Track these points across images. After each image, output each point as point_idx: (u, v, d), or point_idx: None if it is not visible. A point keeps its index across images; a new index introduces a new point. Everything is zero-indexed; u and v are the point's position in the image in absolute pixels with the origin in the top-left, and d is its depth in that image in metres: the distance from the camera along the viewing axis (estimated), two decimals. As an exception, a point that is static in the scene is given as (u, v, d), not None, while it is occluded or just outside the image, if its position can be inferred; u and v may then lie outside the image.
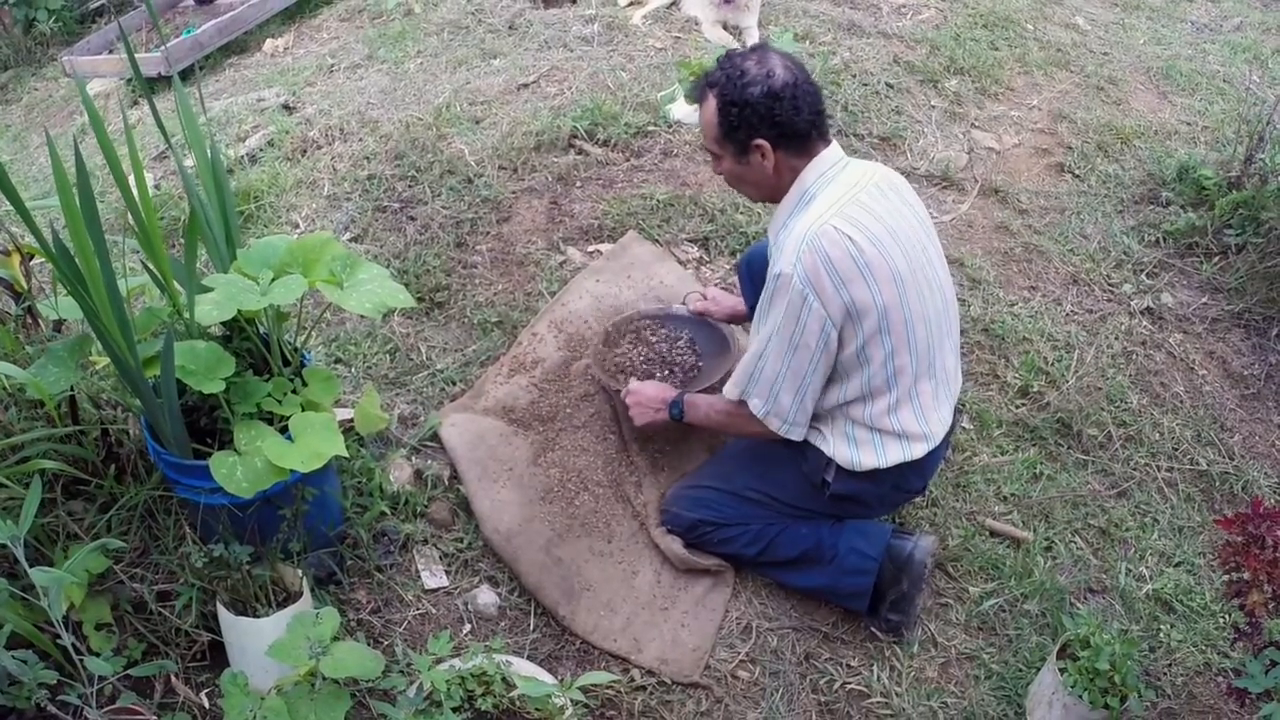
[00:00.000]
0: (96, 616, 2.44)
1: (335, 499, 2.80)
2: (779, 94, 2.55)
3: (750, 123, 2.59)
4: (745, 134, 2.61)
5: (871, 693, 2.84)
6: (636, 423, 3.10)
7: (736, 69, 2.60)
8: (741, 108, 2.58)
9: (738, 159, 2.69)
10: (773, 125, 2.58)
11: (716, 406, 2.93)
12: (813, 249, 2.51)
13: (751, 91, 2.56)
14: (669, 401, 3.02)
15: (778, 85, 2.56)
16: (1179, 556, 3.34)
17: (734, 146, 2.66)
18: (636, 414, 3.08)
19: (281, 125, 4.67)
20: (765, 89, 2.55)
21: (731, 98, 2.59)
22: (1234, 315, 4.26)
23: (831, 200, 2.59)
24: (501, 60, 5.26)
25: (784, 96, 2.55)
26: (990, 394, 3.73)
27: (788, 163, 2.65)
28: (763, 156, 2.64)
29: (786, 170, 2.67)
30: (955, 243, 4.36)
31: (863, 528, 2.94)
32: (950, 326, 2.80)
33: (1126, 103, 5.67)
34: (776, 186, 2.71)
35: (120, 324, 2.25)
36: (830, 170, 2.65)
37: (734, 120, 2.61)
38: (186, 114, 2.65)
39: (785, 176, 2.68)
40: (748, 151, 2.64)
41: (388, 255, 3.82)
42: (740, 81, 2.58)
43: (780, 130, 2.59)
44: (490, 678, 2.30)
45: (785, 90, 2.56)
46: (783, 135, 2.60)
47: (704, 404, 2.98)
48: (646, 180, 4.34)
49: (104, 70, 6.30)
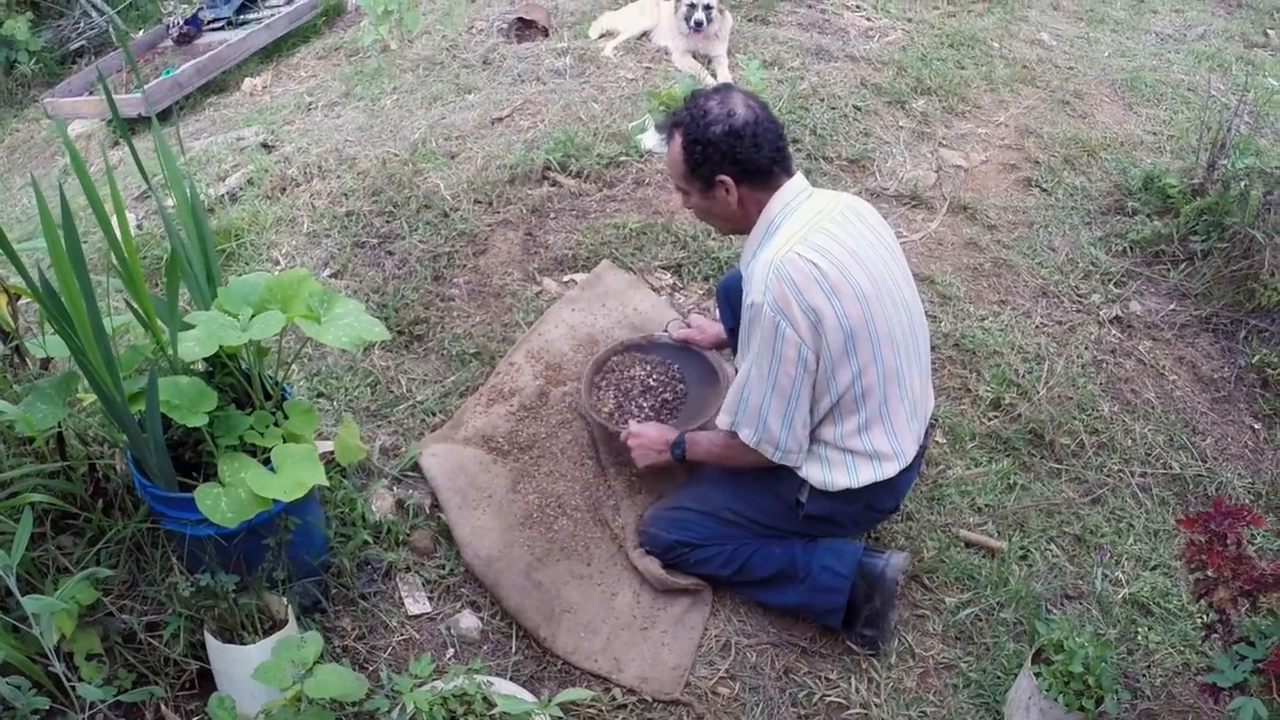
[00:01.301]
0: (87, 647, 2.47)
1: (319, 529, 2.84)
2: (740, 132, 2.66)
3: (713, 160, 2.69)
4: (709, 171, 2.72)
5: (851, 705, 2.87)
6: (639, 465, 3.14)
7: (700, 109, 2.71)
8: (705, 146, 2.68)
9: (704, 195, 2.79)
10: (735, 162, 2.68)
11: (716, 441, 2.97)
12: (779, 277, 2.59)
13: (714, 130, 2.67)
14: (671, 443, 3.07)
15: (739, 124, 2.66)
16: (1155, 560, 3.38)
17: (700, 183, 2.76)
18: (639, 456, 3.12)
19: (261, 164, 4.72)
20: (727, 127, 2.66)
21: (695, 136, 2.69)
22: (1202, 320, 4.33)
23: (795, 229, 2.68)
24: (476, 95, 5.32)
25: (745, 134, 2.66)
26: (963, 407, 3.78)
27: (752, 196, 2.75)
28: (727, 192, 2.73)
29: (751, 204, 2.76)
30: (925, 260, 4.43)
31: (835, 547, 2.98)
32: (919, 346, 2.86)
33: (1092, 116, 5.76)
34: (742, 219, 2.81)
35: (106, 361, 2.30)
36: (794, 200, 2.74)
37: (698, 158, 2.71)
38: (165, 155, 2.70)
39: (750, 210, 2.77)
40: (713, 187, 2.75)
41: (367, 290, 3.87)
42: (703, 121, 2.68)
43: (742, 166, 2.69)
44: (471, 698, 2.34)
45: (746, 128, 2.66)
46: (745, 171, 2.70)
47: (704, 441, 3.03)
48: (619, 210, 4.40)
49: (85, 112, 6.34)
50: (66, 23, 7.99)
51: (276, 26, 7.01)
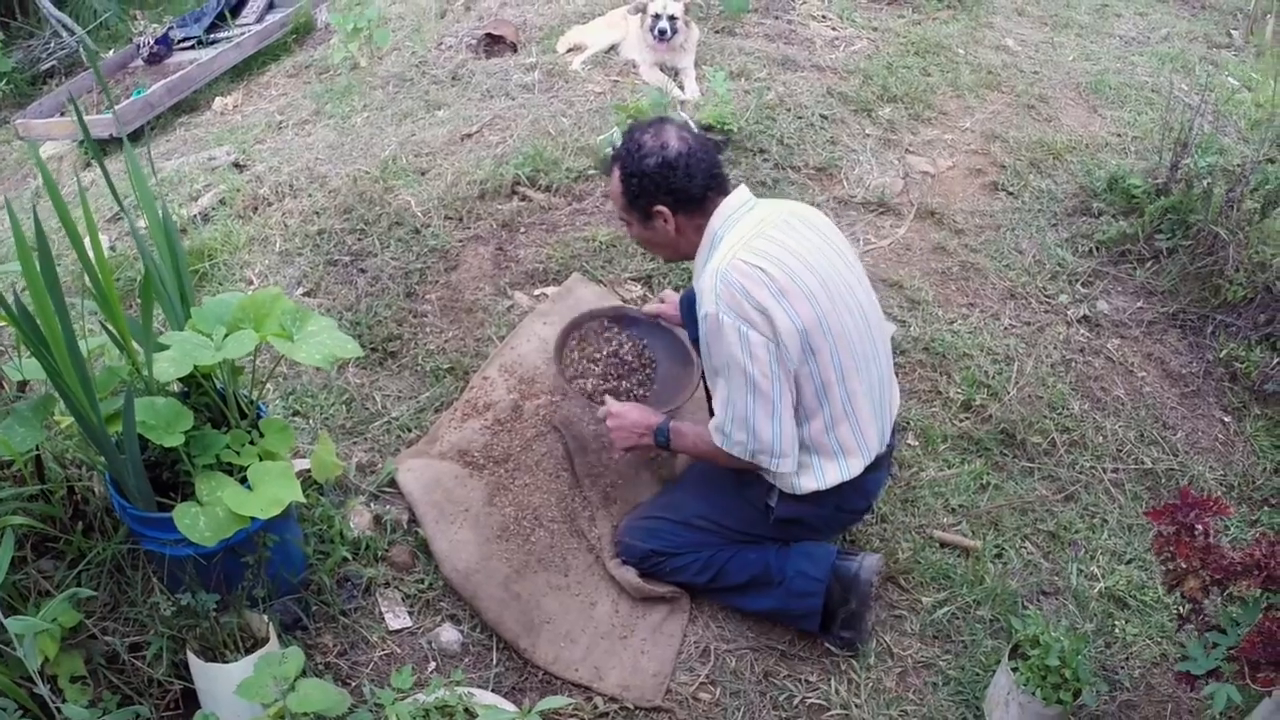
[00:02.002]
0: (70, 670, 2.46)
1: (297, 546, 2.85)
2: (673, 164, 2.74)
3: (649, 191, 2.79)
4: (646, 202, 2.81)
5: (831, 706, 2.90)
6: (618, 446, 3.12)
7: (635, 143, 2.80)
8: (640, 178, 2.78)
9: (643, 225, 2.89)
10: (669, 192, 2.77)
11: (703, 437, 2.93)
12: (727, 283, 2.63)
13: (648, 163, 2.76)
14: (654, 428, 3.04)
15: (671, 155, 2.75)
16: (1130, 554, 3.43)
17: (638, 214, 2.86)
18: (618, 438, 3.09)
19: (232, 183, 4.72)
20: (660, 159, 2.75)
21: (631, 169, 2.79)
22: (1169, 317, 4.39)
23: (737, 238, 2.73)
24: (445, 111, 5.34)
25: (678, 165, 2.74)
26: (934, 410, 3.82)
27: (690, 224, 2.83)
28: (665, 221, 2.82)
29: (690, 230, 2.84)
30: (894, 266, 4.47)
31: (809, 550, 3.01)
32: (878, 346, 2.88)
33: (1057, 119, 5.81)
34: (682, 247, 2.91)
35: (82, 383, 2.31)
36: (735, 213, 2.80)
37: (635, 190, 2.81)
38: (137, 176, 2.71)
39: (691, 236, 2.85)
40: (651, 218, 2.84)
41: (340, 308, 3.88)
42: (638, 154, 2.78)
43: (676, 196, 2.78)
44: (453, 709, 2.36)
45: (679, 160, 2.75)
46: (679, 200, 2.79)
47: (691, 434, 3.00)
48: (589, 223, 4.43)
49: (57, 133, 6.31)
50: (37, 43, 7.97)
51: (246, 45, 7.01)
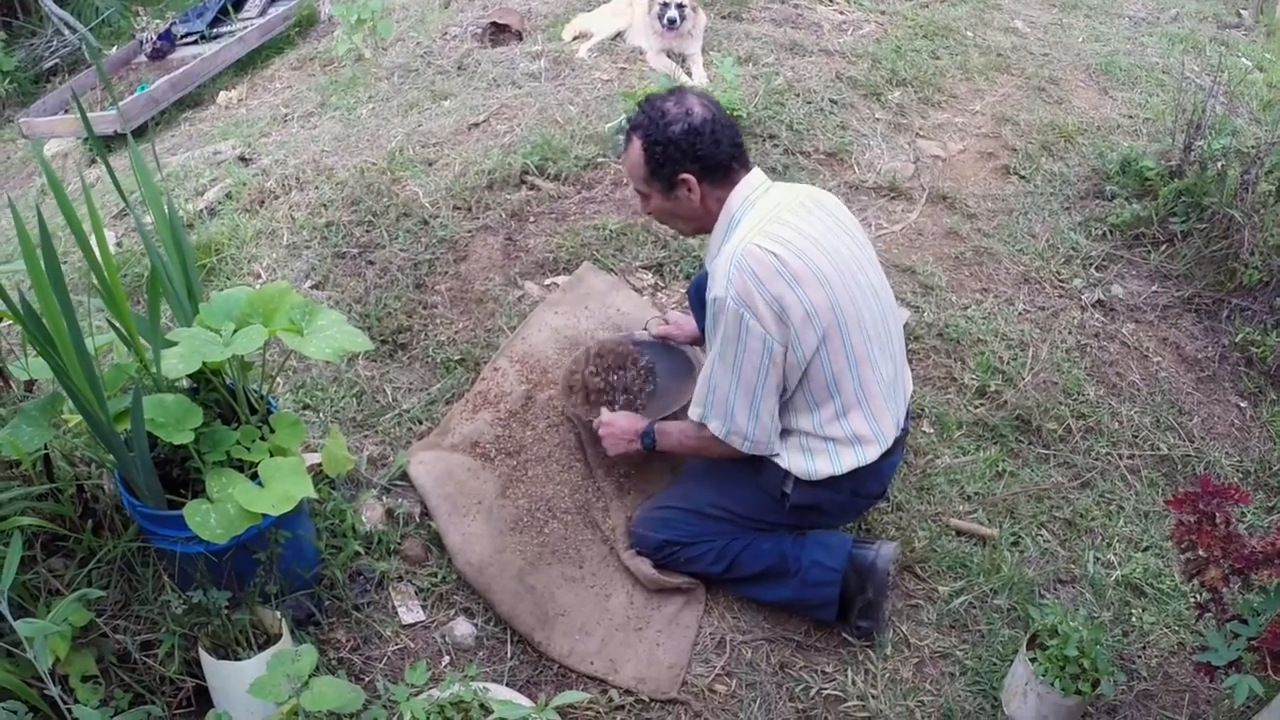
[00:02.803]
0: (82, 669, 2.46)
1: (309, 541, 2.84)
2: (699, 129, 2.69)
3: (674, 159, 2.72)
4: (671, 170, 2.74)
5: (848, 697, 2.88)
6: (610, 453, 3.15)
7: (657, 110, 2.74)
8: (665, 145, 2.71)
9: (665, 195, 2.82)
10: (696, 159, 2.71)
11: (687, 432, 2.98)
12: (740, 269, 2.61)
13: (673, 130, 2.70)
14: (641, 432, 3.07)
15: (697, 121, 2.70)
16: (1146, 541, 3.40)
17: (661, 184, 2.79)
18: (610, 445, 3.13)
19: (239, 177, 4.70)
20: (686, 126, 2.69)
21: (655, 137, 2.72)
22: (1184, 301, 4.35)
23: (755, 221, 2.70)
24: (452, 101, 5.31)
25: (704, 131, 2.69)
26: (949, 396, 3.79)
27: (713, 194, 2.78)
28: (689, 190, 2.76)
29: (713, 201, 2.79)
30: (906, 251, 4.44)
31: (824, 540, 2.99)
32: (890, 329, 2.86)
33: (1068, 101, 5.77)
34: (705, 218, 2.84)
35: (90, 382, 2.29)
36: (753, 194, 2.76)
37: (659, 158, 2.74)
38: (142, 172, 2.69)
39: (712, 207, 2.80)
40: (675, 187, 2.77)
41: (349, 300, 3.86)
42: (662, 121, 2.71)
43: (703, 163, 2.72)
44: (468, 705, 2.34)
45: (705, 125, 2.70)
46: (706, 168, 2.73)
47: (674, 431, 3.03)
48: (599, 211, 4.40)
49: (61, 130, 6.31)
50: (39, 41, 7.96)
51: (250, 39, 6.99)
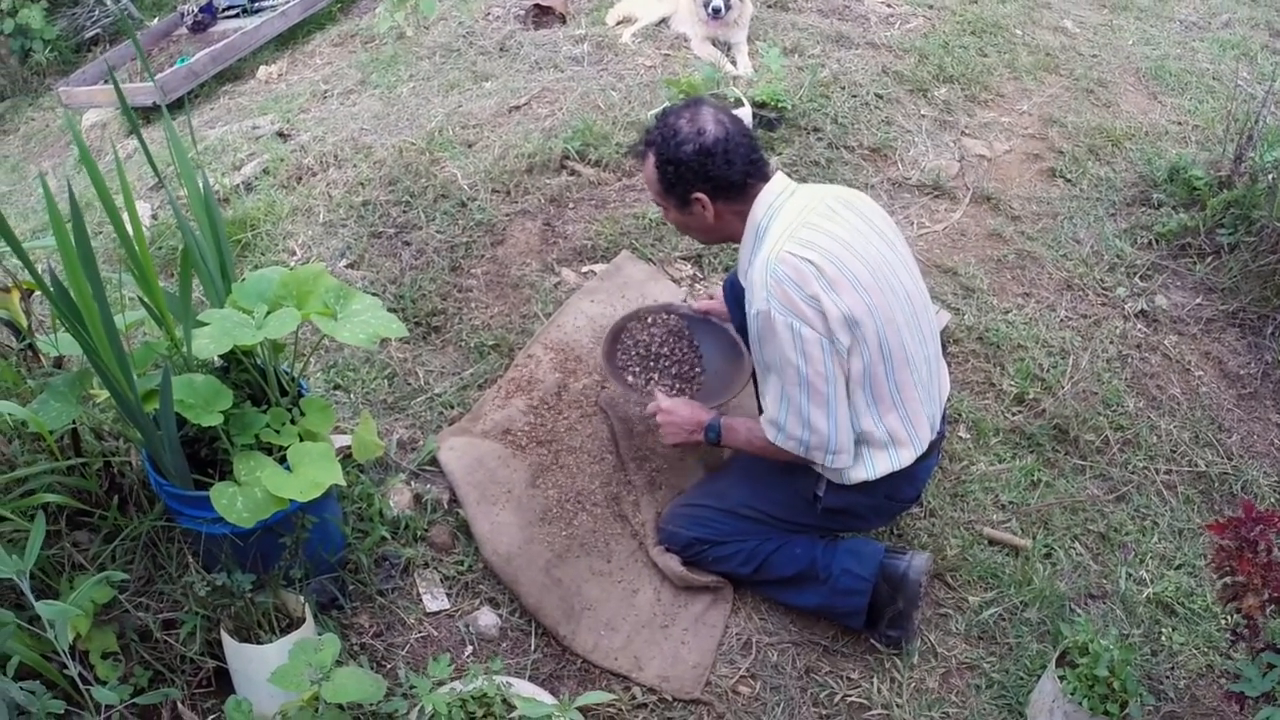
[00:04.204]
0: (103, 646, 2.45)
1: (336, 525, 2.82)
2: (711, 150, 2.66)
3: (686, 179, 2.71)
4: (683, 189, 2.73)
5: (872, 705, 2.85)
6: (667, 442, 3.07)
7: (670, 129, 2.72)
8: (676, 166, 2.69)
9: (680, 211, 2.81)
10: (707, 179, 2.69)
11: (756, 433, 2.86)
12: (776, 279, 2.56)
13: (685, 150, 2.67)
14: (705, 424, 2.98)
15: (709, 142, 2.66)
16: (1179, 559, 3.35)
17: (675, 200, 2.78)
18: (669, 433, 3.04)
19: (276, 153, 4.69)
20: (697, 146, 2.66)
21: (667, 156, 2.70)
22: (1228, 315, 4.28)
23: (782, 229, 2.65)
24: (493, 83, 5.28)
25: (716, 152, 2.66)
26: (986, 402, 3.75)
27: (729, 210, 2.76)
28: (703, 207, 2.75)
29: (729, 216, 2.77)
30: (948, 251, 4.38)
31: (856, 548, 2.95)
32: (926, 332, 2.81)
33: (1116, 104, 5.69)
34: (721, 231, 2.83)
35: (118, 359, 2.27)
36: (777, 200, 2.72)
37: (671, 178, 2.72)
38: (177, 147, 2.66)
39: (729, 221, 2.78)
40: (688, 204, 2.76)
41: (384, 281, 3.84)
42: (674, 141, 2.69)
43: (715, 184, 2.70)
44: (490, 700, 2.32)
45: (717, 146, 2.66)
46: (718, 188, 2.71)
47: (743, 430, 2.93)
48: (639, 199, 4.36)
49: (100, 100, 6.31)
50: (81, 10, 7.96)
51: (291, 13, 6.97)
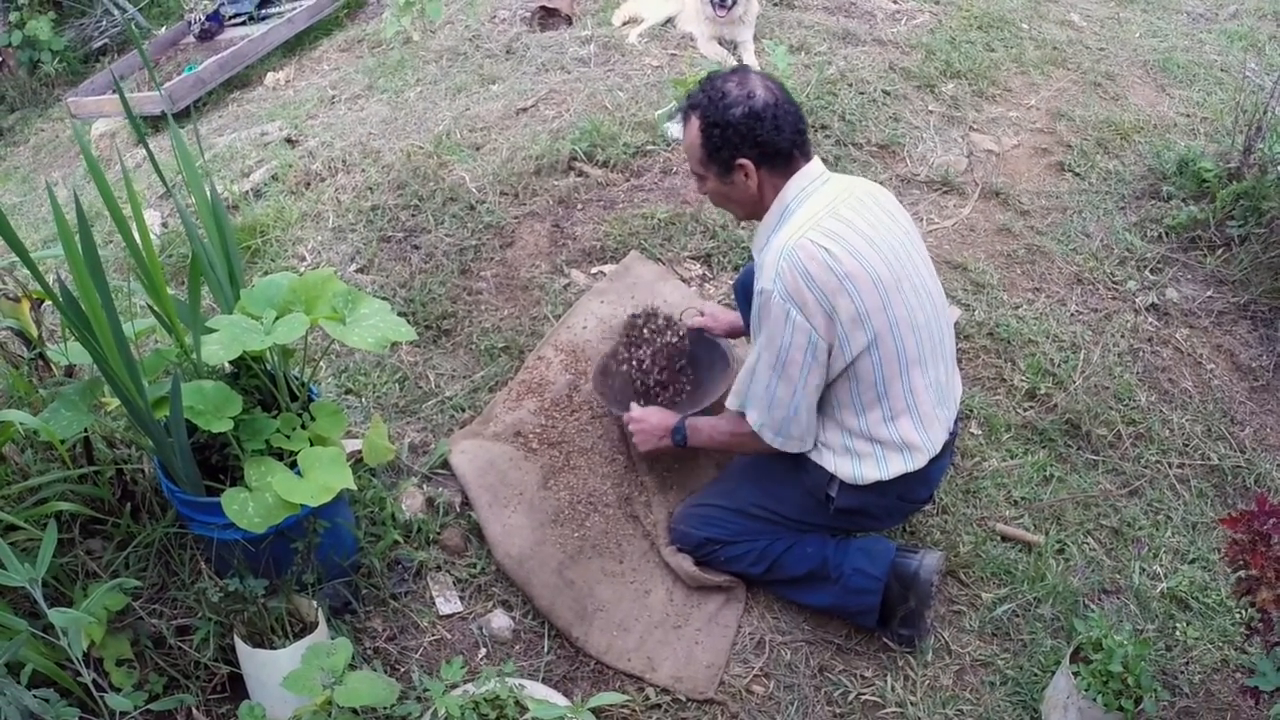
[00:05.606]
0: (117, 653, 2.46)
1: (348, 530, 2.82)
2: (760, 114, 2.58)
3: (733, 143, 2.62)
4: (728, 154, 2.64)
5: (886, 703, 2.84)
6: (640, 449, 3.13)
7: (718, 91, 2.63)
8: (724, 129, 2.61)
9: (722, 179, 2.71)
10: (755, 145, 2.61)
11: (719, 428, 2.94)
12: (790, 264, 2.53)
13: (734, 113, 2.59)
14: (671, 428, 3.03)
15: (759, 105, 2.59)
16: (1193, 553, 3.33)
17: (718, 167, 2.69)
18: (640, 440, 3.10)
19: (285, 159, 4.70)
20: (747, 109, 2.59)
21: (714, 119, 2.62)
22: (1240, 307, 4.26)
23: (809, 215, 2.62)
24: (500, 85, 5.28)
25: (765, 116, 2.59)
26: (997, 398, 3.73)
27: (770, 181, 2.68)
28: (746, 176, 2.66)
29: (770, 188, 2.69)
30: (958, 247, 4.37)
31: (867, 547, 2.94)
32: (943, 334, 2.79)
33: (1124, 98, 5.67)
34: (760, 204, 2.74)
35: (128, 368, 2.28)
36: (810, 185, 2.67)
37: (717, 141, 2.63)
38: (183, 155, 2.67)
39: (768, 194, 2.70)
40: (731, 171, 2.67)
41: (394, 285, 3.84)
42: (722, 103, 2.61)
43: (762, 150, 2.62)
44: (504, 702, 2.32)
45: (766, 110, 2.59)
46: (765, 154, 2.63)
47: (706, 427, 2.99)
48: (647, 200, 4.36)
49: (108, 110, 6.35)
50: (89, 21, 8.01)
51: (298, 20, 7.01)
